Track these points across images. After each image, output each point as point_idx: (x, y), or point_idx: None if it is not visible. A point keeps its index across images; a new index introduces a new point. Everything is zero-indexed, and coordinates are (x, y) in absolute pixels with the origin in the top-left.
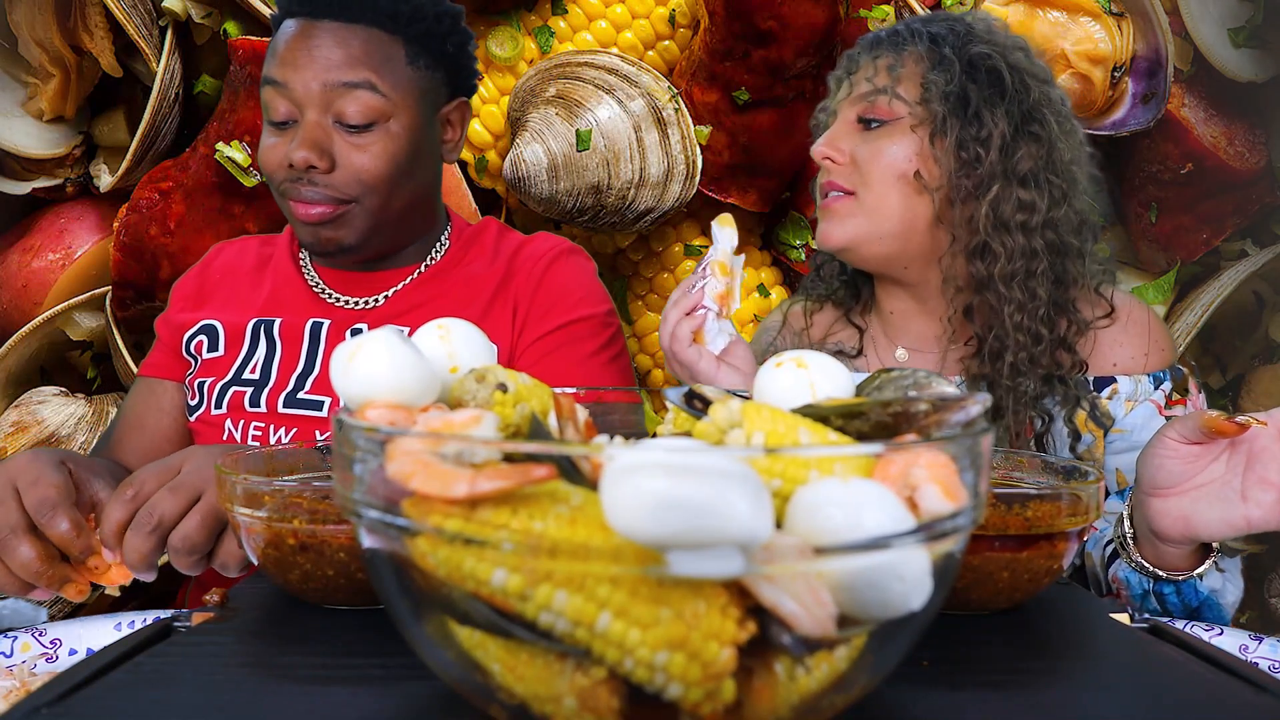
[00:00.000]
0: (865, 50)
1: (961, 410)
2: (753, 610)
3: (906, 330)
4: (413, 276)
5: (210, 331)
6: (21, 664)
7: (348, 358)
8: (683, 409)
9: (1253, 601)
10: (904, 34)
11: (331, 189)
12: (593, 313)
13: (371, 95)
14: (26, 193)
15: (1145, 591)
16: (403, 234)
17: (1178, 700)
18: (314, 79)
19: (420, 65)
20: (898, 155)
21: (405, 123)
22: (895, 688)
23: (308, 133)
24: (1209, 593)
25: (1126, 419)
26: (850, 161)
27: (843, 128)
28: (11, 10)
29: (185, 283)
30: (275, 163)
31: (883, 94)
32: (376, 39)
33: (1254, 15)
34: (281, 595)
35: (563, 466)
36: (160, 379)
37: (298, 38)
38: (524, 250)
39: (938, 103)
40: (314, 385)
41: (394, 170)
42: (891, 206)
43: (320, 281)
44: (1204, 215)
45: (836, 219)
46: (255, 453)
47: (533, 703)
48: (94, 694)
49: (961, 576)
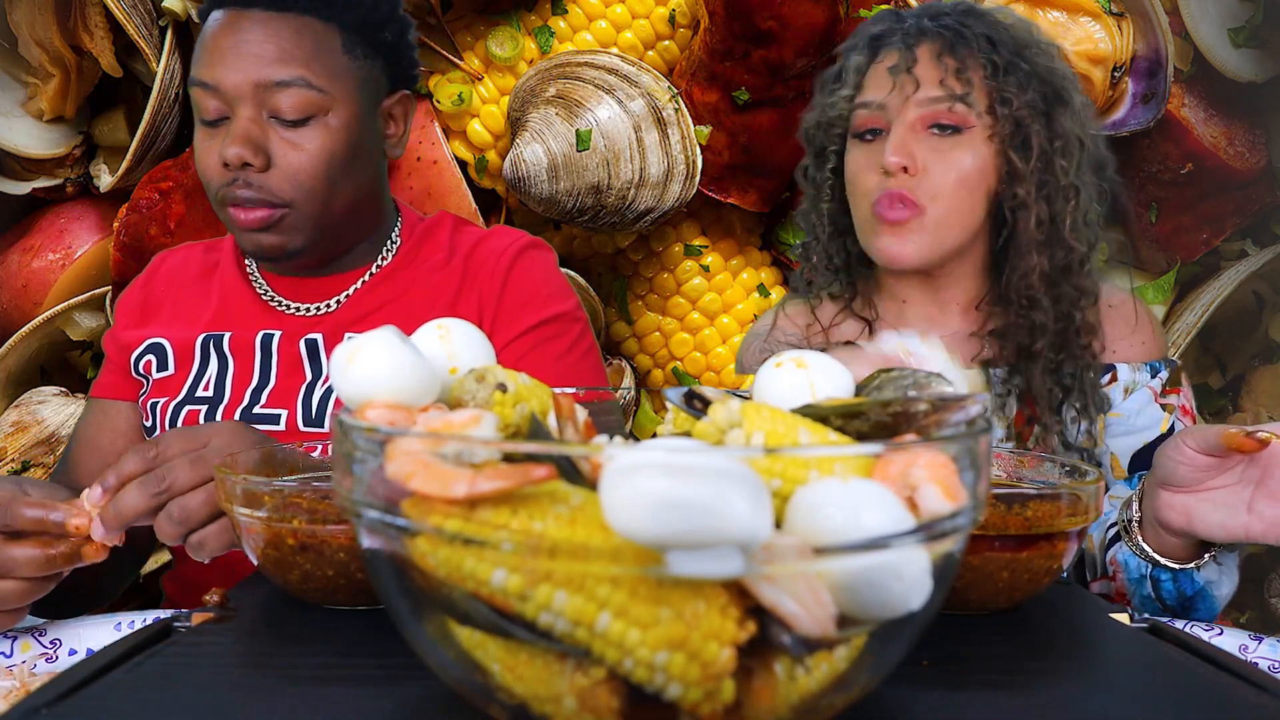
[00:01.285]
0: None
1: (961, 410)
2: (753, 610)
3: (921, 318)
4: (365, 279)
5: (158, 350)
6: (21, 664)
7: (347, 358)
8: (682, 409)
9: (1253, 601)
10: (954, 29)
11: (265, 191)
12: (562, 310)
13: (306, 91)
14: (26, 193)
15: (1142, 576)
16: (348, 234)
17: (1178, 700)
18: (244, 78)
19: (357, 55)
20: (971, 168)
21: (344, 116)
22: (895, 688)
23: (240, 129)
24: (1204, 584)
25: (1124, 404)
26: (922, 170)
27: (910, 133)
28: (11, 10)
29: (129, 297)
30: (211, 166)
31: (960, 101)
32: (309, 28)
33: (1254, 15)
34: (281, 595)
35: (562, 466)
36: (112, 399)
37: (225, 32)
38: (483, 247)
39: (1009, 111)
40: (269, 399)
41: (331, 168)
42: (959, 219)
43: (269, 289)
44: (1204, 215)
45: (908, 236)
46: (255, 452)
47: (532, 703)
48: (94, 694)
49: (961, 576)
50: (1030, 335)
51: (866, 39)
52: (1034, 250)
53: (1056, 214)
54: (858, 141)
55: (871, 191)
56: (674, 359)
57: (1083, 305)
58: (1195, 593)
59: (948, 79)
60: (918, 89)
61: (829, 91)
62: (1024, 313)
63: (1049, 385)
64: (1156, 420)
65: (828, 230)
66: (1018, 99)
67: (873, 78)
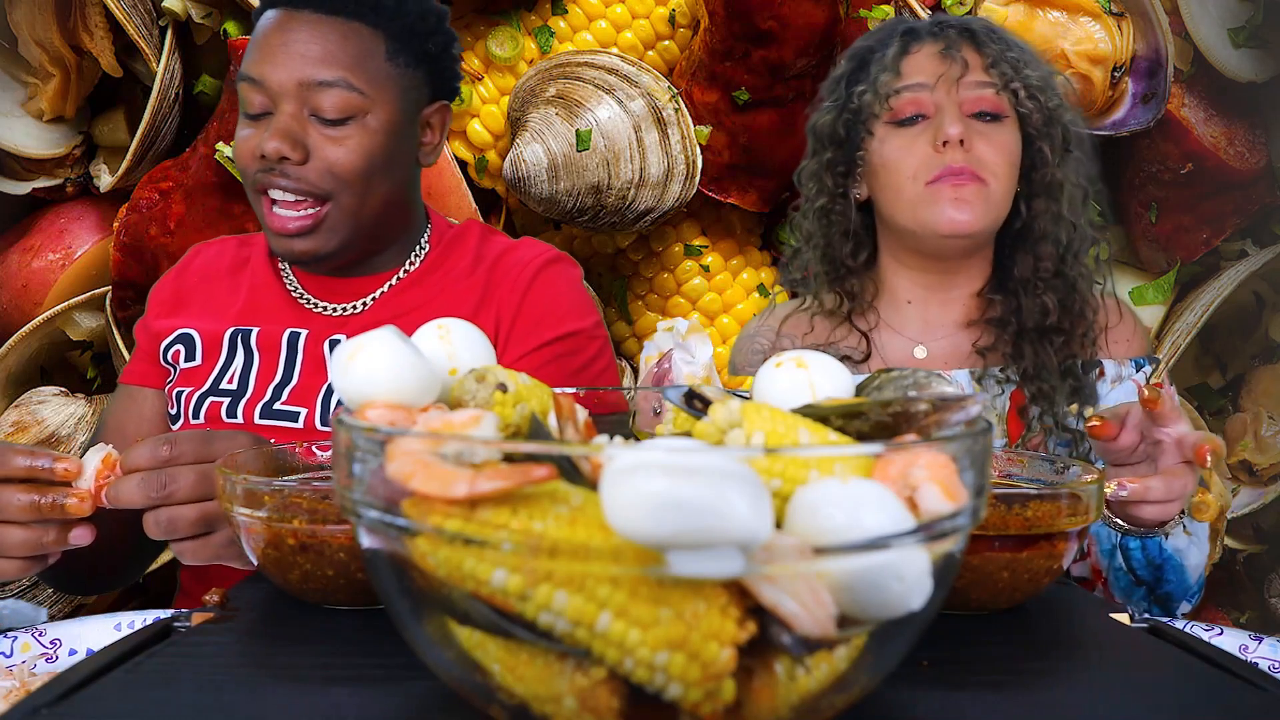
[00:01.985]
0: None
1: (961, 410)
2: (753, 610)
3: (925, 320)
4: (392, 282)
5: (187, 341)
6: (21, 664)
7: (348, 358)
8: (683, 409)
9: (1253, 601)
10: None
11: (304, 181)
12: (579, 327)
13: (347, 92)
14: (26, 193)
15: (1114, 547)
16: (380, 235)
17: (1178, 700)
18: (289, 76)
19: (400, 62)
20: (1015, 150)
21: (383, 119)
22: (895, 688)
23: (281, 123)
24: (1173, 552)
25: (1109, 396)
26: (979, 150)
27: (957, 113)
28: (11, 10)
29: (162, 287)
30: (248, 154)
31: (1004, 89)
32: (356, 32)
33: (1254, 15)
34: (281, 595)
35: (563, 467)
36: (140, 386)
37: (275, 31)
38: (507, 258)
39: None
40: (290, 396)
41: (368, 165)
42: (1007, 200)
43: (299, 287)
44: (1204, 215)
45: (973, 203)
46: (254, 452)
47: (533, 703)
48: (94, 694)
49: (961, 576)
50: (1040, 317)
51: (897, 33)
52: (1048, 238)
53: (1071, 202)
54: (895, 128)
55: (922, 170)
56: None
57: (1085, 293)
58: (1164, 560)
59: (990, 69)
60: (967, 71)
61: (849, 84)
62: (1036, 295)
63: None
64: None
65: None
66: (1043, 94)
67: (912, 64)
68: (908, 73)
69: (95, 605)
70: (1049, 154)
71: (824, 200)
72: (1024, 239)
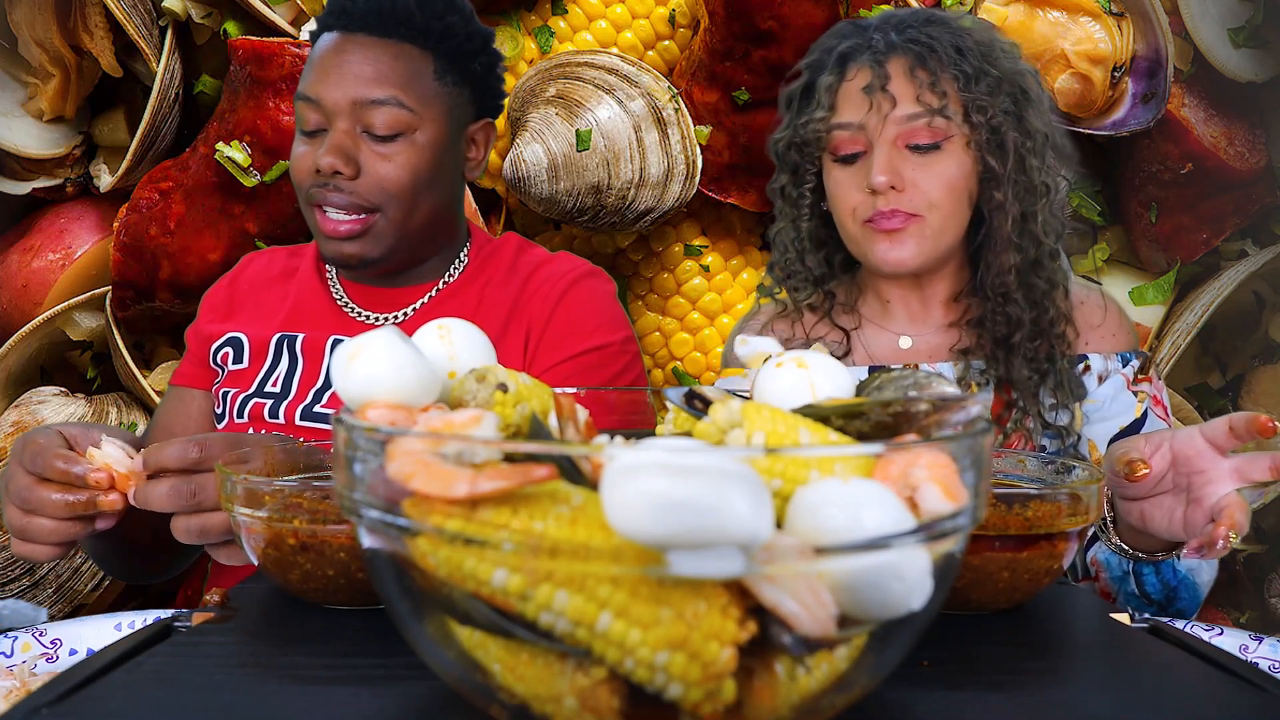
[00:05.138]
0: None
1: (962, 410)
2: (753, 610)
3: (907, 317)
4: (433, 293)
5: (236, 344)
6: (21, 664)
7: (348, 358)
8: (683, 409)
9: (1253, 601)
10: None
11: (356, 195)
12: (608, 341)
13: (398, 110)
14: (26, 193)
15: (1125, 573)
16: (425, 246)
17: (1178, 700)
18: (344, 95)
19: (448, 81)
20: (957, 175)
21: (430, 135)
22: (895, 688)
23: (335, 140)
24: (1186, 572)
25: (1098, 391)
26: (910, 185)
27: (893, 151)
28: (11, 10)
29: (215, 293)
30: (304, 169)
31: (938, 115)
32: (406, 54)
33: (1254, 15)
34: (281, 595)
35: (563, 466)
36: (189, 388)
37: (332, 52)
38: (542, 271)
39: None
40: (330, 400)
41: (416, 180)
42: (954, 223)
43: (344, 295)
44: (1204, 215)
45: (907, 241)
46: (255, 451)
47: (533, 703)
48: (94, 694)
49: (961, 576)
50: (1007, 327)
51: (834, 57)
52: (1009, 248)
53: (1028, 211)
54: (838, 164)
55: (860, 209)
56: (674, 359)
57: (1053, 294)
58: (1179, 582)
59: (923, 94)
60: (895, 106)
61: (799, 111)
62: (1000, 307)
63: (1026, 371)
64: (1129, 406)
65: (807, 246)
66: (991, 105)
67: (846, 97)
68: (841, 108)
69: (95, 605)
70: (997, 168)
71: (792, 214)
72: (987, 248)
